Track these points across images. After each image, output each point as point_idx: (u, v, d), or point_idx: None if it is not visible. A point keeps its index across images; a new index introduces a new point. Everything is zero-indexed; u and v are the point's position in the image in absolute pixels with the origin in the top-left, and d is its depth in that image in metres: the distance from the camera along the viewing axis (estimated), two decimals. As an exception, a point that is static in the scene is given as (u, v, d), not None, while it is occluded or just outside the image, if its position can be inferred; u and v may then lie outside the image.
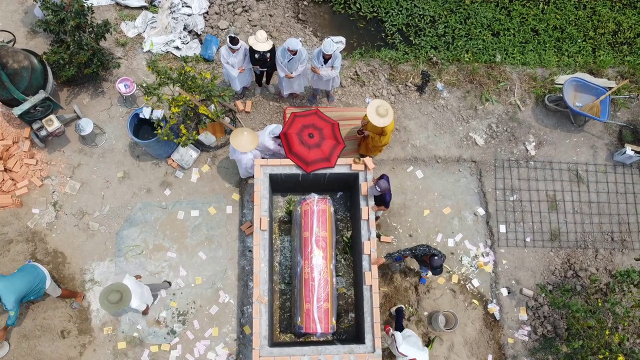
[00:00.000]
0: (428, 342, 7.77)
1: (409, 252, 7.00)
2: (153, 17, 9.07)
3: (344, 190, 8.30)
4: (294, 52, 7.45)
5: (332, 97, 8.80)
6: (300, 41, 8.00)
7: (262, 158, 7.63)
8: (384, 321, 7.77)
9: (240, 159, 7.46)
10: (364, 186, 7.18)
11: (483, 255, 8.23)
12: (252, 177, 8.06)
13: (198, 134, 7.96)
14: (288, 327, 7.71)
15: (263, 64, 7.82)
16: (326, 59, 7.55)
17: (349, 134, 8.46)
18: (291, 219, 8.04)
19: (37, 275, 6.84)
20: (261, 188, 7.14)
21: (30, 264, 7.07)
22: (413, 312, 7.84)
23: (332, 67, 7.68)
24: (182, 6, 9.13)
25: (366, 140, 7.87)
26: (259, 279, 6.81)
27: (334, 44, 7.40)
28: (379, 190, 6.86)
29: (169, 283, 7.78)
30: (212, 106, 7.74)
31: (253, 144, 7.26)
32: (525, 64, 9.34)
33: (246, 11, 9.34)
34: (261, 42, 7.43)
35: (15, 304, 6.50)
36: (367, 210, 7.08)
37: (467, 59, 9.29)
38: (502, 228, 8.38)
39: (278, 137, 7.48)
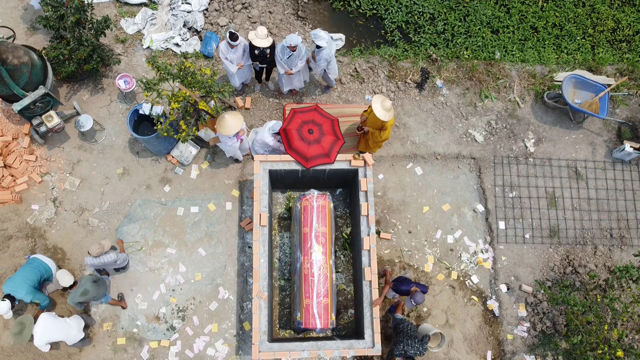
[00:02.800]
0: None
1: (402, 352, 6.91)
2: (153, 14, 9.07)
3: (343, 187, 8.31)
4: (294, 48, 7.46)
5: (328, 86, 8.85)
6: (299, 36, 8.00)
7: (262, 154, 7.63)
8: (383, 317, 7.78)
9: (227, 142, 7.48)
10: (364, 182, 7.19)
11: (482, 252, 8.24)
12: (249, 155, 8.35)
13: (198, 130, 7.96)
14: (287, 323, 7.72)
15: (263, 61, 7.83)
16: (318, 46, 7.57)
17: (348, 130, 8.46)
18: (290, 215, 8.04)
19: (39, 264, 7.02)
20: (261, 184, 7.14)
21: (29, 257, 7.18)
22: (413, 309, 7.84)
23: (314, 59, 7.78)
24: (182, 3, 9.13)
25: (366, 136, 7.87)
26: (258, 274, 6.81)
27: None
28: (414, 304, 6.77)
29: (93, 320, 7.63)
30: (212, 102, 7.74)
31: (237, 124, 7.18)
32: (524, 61, 9.35)
33: (246, 8, 9.34)
34: (261, 39, 7.44)
35: (32, 293, 6.74)
36: (367, 206, 7.08)
37: (467, 56, 9.30)
38: (502, 225, 8.39)
39: (278, 133, 7.48)
